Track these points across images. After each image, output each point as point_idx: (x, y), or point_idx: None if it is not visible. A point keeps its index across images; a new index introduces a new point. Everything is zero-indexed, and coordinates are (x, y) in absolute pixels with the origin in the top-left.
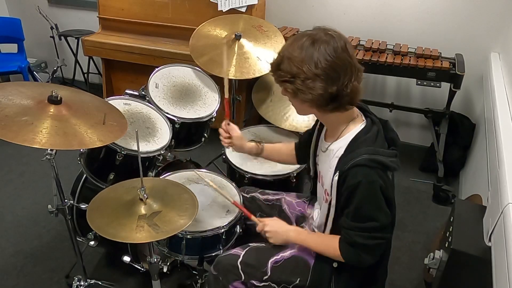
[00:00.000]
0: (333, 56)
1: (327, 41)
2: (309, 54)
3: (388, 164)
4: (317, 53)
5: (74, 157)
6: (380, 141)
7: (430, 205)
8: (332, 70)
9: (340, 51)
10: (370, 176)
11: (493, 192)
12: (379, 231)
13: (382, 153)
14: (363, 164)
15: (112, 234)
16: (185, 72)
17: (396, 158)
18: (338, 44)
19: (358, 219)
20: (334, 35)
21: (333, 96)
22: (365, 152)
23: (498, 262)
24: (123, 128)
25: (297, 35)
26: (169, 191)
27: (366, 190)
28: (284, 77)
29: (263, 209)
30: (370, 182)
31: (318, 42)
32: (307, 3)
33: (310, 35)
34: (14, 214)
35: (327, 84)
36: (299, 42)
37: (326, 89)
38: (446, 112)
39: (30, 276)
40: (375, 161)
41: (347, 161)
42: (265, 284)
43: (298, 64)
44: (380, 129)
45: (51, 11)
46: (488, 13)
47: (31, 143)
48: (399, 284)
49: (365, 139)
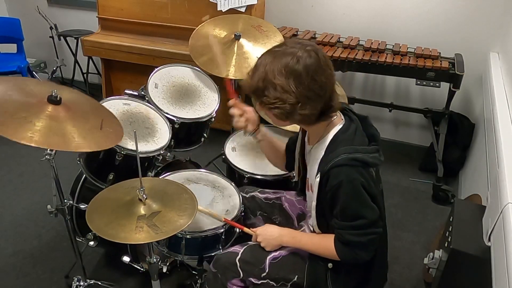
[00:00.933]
0: (320, 74)
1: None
2: (296, 77)
3: (368, 160)
4: (304, 74)
5: (73, 157)
6: (359, 138)
7: (430, 205)
8: (320, 88)
9: (324, 66)
10: (351, 175)
11: (493, 192)
12: (369, 227)
13: (361, 150)
14: (342, 163)
15: (111, 235)
16: (185, 72)
17: (378, 153)
18: (320, 58)
19: (346, 218)
20: (313, 49)
21: (321, 113)
22: (344, 152)
23: (498, 262)
24: (119, 135)
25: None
26: (168, 191)
27: (348, 189)
28: (272, 104)
29: (263, 207)
30: (351, 181)
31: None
32: (306, 3)
33: (291, 54)
34: (13, 214)
35: (317, 103)
36: (281, 63)
37: (317, 108)
38: (445, 112)
39: (30, 276)
40: (354, 159)
41: (327, 162)
42: (264, 281)
43: (286, 89)
44: (359, 126)
45: (51, 11)
46: (487, 13)
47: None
48: (399, 284)
49: (343, 138)
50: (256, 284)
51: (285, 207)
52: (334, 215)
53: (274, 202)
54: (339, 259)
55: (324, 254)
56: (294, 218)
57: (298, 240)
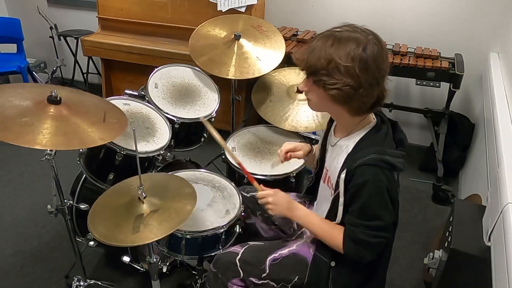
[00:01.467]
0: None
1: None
2: (363, 62)
3: (396, 164)
4: (372, 61)
5: (73, 157)
6: (388, 141)
7: (430, 205)
8: (382, 77)
9: (385, 56)
10: (378, 176)
11: (493, 192)
12: (382, 230)
13: (390, 153)
14: (371, 163)
15: (109, 238)
16: (185, 72)
17: (403, 159)
18: (383, 47)
19: (363, 217)
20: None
21: (375, 102)
22: (374, 152)
23: (498, 262)
24: (123, 125)
25: (336, 36)
26: (169, 186)
27: (373, 189)
28: (333, 85)
29: (263, 208)
30: (377, 181)
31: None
32: (306, 3)
33: (356, 40)
34: (13, 214)
35: (376, 91)
36: (347, 48)
37: (373, 96)
38: (445, 112)
39: (30, 276)
40: (383, 161)
41: (355, 159)
42: (264, 281)
43: (351, 72)
44: (389, 130)
45: (51, 11)
46: (487, 13)
47: (32, 144)
48: (399, 284)
49: (374, 138)
50: (256, 284)
51: None
52: (350, 212)
53: None
54: (343, 252)
55: (329, 242)
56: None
57: (309, 218)
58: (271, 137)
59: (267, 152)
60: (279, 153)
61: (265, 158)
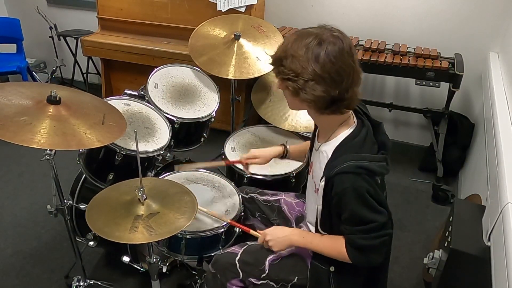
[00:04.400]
0: (339, 60)
1: (333, 43)
2: (316, 55)
3: (375, 169)
4: (324, 54)
5: (73, 157)
6: (368, 145)
7: (429, 205)
8: (337, 73)
9: (346, 55)
10: (357, 182)
11: (492, 192)
12: (380, 229)
13: (369, 158)
14: (348, 171)
15: (106, 233)
16: (184, 72)
17: (385, 162)
18: (344, 47)
19: (356, 224)
20: (340, 36)
21: (334, 100)
22: (351, 159)
23: (497, 262)
24: (122, 128)
25: (302, 31)
26: (170, 192)
27: (354, 196)
28: (287, 75)
29: (262, 209)
30: (356, 188)
31: (325, 43)
32: (306, 3)
33: (316, 34)
34: (13, 215)
35: (330, 87)
36: (305, 41)
37: (329, 92)
38: (445, 112)
39: (29, 277)
40: (360, 167)
41: (333, 167)
42: (263, 282)
43: (303, 64)
44: (370, 132)
45: (50, 11)
46: (487, 13)
47: (29, 143)
48: (399, 284)
49: (352, 144)
50: (256, 284)
51: (284, 210)
52: (343, 221)
53: (273, 205)
54: (351, 262)
55: (336, 257)
56: (293, 220)
57: (309, 240)
58: (271, 137)
59: None
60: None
61: None
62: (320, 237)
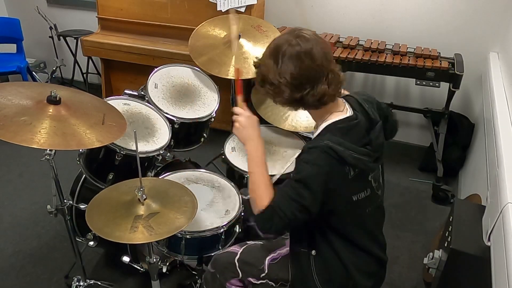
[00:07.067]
0: (296, 65)
1: (292, 46)
2: (275, 63)
3: (346, 158)
4: (282, 63)
5: (73, 157)
6: (353, 135)
7: (429, 205)
8: (294, 78)
9: (304, 58)
10: (320, 160)
11: (492, 192)
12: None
13: (346, 146)
14: (319, 147)
15: (106, 233)
16: (184, 72)
17: (367, 157)
18: (303, 50)
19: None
20: (302, 40)
21: (297, 100)
22: (328, 139)
23: (497, 262)
24: (122, 128)
25: (276, 38)
26: (170, 192)
27: (310, 169)
28: (258, 79)
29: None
30: (315, 165)
31: (283, 47)
32: (306, 3)
33: (284, 40)
34: (13, 215)
35: (292, 91)
36: (272, 48)
37: (291, 95)
38: (445, 112)
39: (29, 277)
40: (332, 150)
41: (311, 142)
42: (263, 281)
43: (267, 69)
44: (360, 125)
45: (50, 11)
46: (487, 13)
47: (29, 143)
48: (398, 283)
49: (336, 128)
50: (255, 284)
51: None
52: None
53: None
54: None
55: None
56: None
57: (256, 160)
58: (271, 137)
59: (267, 152)
60: None
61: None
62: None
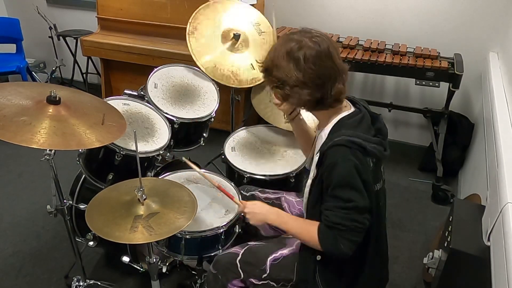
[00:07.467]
0: (318, 64)
1: (311, 48)
2: (296, 63)
3: (367, 147)
4: (303, 61)
5: (73, 157)
6: (363, 126)
7: (429, 205)
8: (318, 77)
9: (324, 58)
10: (346, 155)
11: (492, 192)
12: (356, 213)
13: (362, 137)
14: (340, 144)
15: (106, 233)
16: (184, 72)
17: (380, 146)
18: (322, 50)
19: (336, 199)
20: (318, 40)
21: (318, 100)
22: (345, 134)
23: (497, 261)
24: (122, 128)
25: (284, 38)
26: (170, 193)
27: (342, 168)
28: (275, 83)
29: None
30: (345, 161)
31: (303, 49)
32: (306, 3)
33: (296, 41)
34: (13, 215)
35: (313, 91)
36: (286, 49)
37: (312, 95)
38: (445, 112)
39: (29, 277)
40: (353, 142)
41: (327, 142)
42: (264, 282)
43: (286, 72)
44: (366, 118)
45: (50, 11)
46: (487, 13)
47: (29, 143)
48: (398, 283)
49: (347, 123)
50: (256, 284)
51: (285, 208)
52: (325, 198)
53: (274, 202)
54: (320, 245)
55: (306, 239)
56: None
57: (285, 221)
58: (271, 137)
59: (267, 152)
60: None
61: (264, 158)
62: (295, 219)
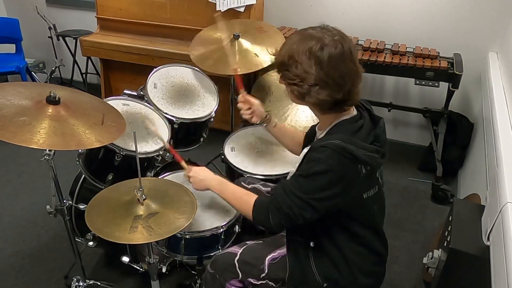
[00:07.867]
0: (341, 64)
1: (335, 47)
2: (319, 60)
3: (359, 156)
4: (327, 60)
5: (72, 157)
6: (362, 134)
7: (429, 205)
8: (340, 78)
9: (347, 59)
10: (332, 159)
11: (492, 191)
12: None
13: (358, 144)
14: (330, 147)
15: (106, 233)
16: (184, 72)
17: (376, 153)
18: (345, 50)
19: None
20: (340, 39)
21: (337, 102)
22: (340, 138)
23: (497, 261)
24: (121, 128)
25: (304, 34)
26: (169, 192)
27: (321, 168)
28: (292, 80)
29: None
30: (328, 164)
31: (327, 47)
32: (305, 3)
33: (318, 38)
34: (12, 215)
35: (334, 91)
36: (307, 45)
37: (333, 96)
38: (444, 112)
39: (29, 277)
40: (343, 149)
41: (321, 140)
42: (263, 282)
43: (307, 69)
44: (367, 123)
45: (49, 11)
46: (486, 12)
47: (28, 144)
48: (398, 283)
49: (346, 127)
50: (255, 284)
51: None
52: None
53: None
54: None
55: (240, 208)
56: None
57: (224, 188)
58: (271, 137)
59: (267, 152)
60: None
61: (264, 158)
62: (237, 188)
